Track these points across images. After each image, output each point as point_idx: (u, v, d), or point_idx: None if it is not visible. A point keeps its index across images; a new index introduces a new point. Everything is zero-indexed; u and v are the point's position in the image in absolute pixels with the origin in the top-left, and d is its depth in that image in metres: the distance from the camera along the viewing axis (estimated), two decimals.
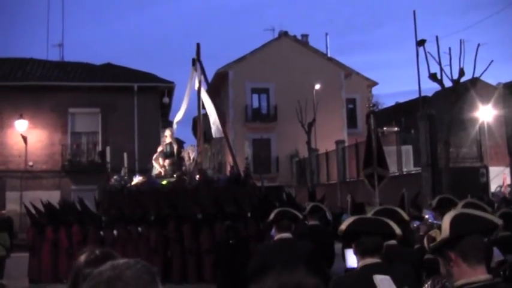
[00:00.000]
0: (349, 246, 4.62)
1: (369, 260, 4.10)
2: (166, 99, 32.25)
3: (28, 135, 30.08)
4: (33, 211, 17.60)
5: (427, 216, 8.08)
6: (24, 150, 30.10)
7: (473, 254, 2.96)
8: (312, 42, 47.85)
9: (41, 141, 30.55)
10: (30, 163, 30.15)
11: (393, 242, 4.73)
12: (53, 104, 30.36)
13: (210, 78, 22.57)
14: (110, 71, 33.66)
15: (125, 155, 19.47)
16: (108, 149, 19.76)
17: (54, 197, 22.78)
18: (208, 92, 21.02)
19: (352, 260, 5.03)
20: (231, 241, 10.21)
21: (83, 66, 33.82)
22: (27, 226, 22.64)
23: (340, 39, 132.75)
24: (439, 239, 3.08)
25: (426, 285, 3.44)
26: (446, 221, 3.05)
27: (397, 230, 4.28)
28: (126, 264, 2.00)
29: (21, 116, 29.68)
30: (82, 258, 2.55)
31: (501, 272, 5.67)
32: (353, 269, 4.81)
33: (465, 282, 2.94)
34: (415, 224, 9.14)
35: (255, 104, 43.52)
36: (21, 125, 29.87)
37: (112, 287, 1.92)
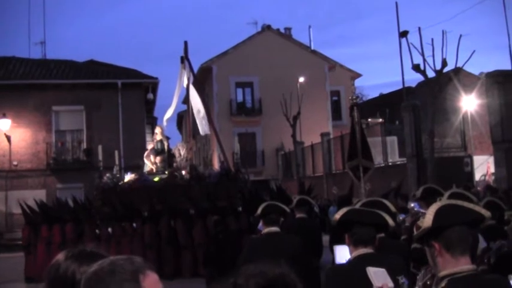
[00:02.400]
0: (338, 242, 4.67)
1: (362, 251, 4.15)
2: (150, 96, 32.19)
3: (12, 135, 29.88)
4: (27, 210, 17.65)
5: (412, 205, 8.16)
6: (8, 149, 29.90)
7: (457, 244, 3.00)
8: (295, 35, 47.95)
9: (25, 140, 30.37)
10: (15, 162, 29.96)
11: (381, 234, 4.79)
12: (37, 102, 30.19)
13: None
14: (93, 68, 33.53)
15: (116, 152, 19.74)
16: (100, 147, 19.79)
17: (39, 196, 22.66)
18: (193, 86, 21.13)
19: (341, 256, 5.07)
20: (219, 236, 10.24)
21: (65, 63, 33.59)
22: (13, 226, 22.60)
23: (323, 32, 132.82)
24: (421, 228, 3.13)
25: (420, 274, 3.48)
26: (431, 211, 3.09)
27: (390, 221, 4.34)
28: (109, 261, 2.04)
29: (4, 115, 29.47)
30: (64, 252, 2.60)
31: (485, 260, 5.74)
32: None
33: (448, 273, 2.98)
34: (401, 216, 9.21)
35: (240, 98, 43.48)
36: (4, 124, 29.64)
37: (89, 281, 2.01)
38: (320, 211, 22.80)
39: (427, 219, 3.05)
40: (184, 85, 20.64)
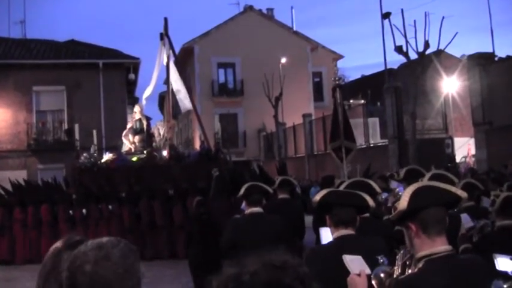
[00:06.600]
0: (323, 224, 4.68)
1: (343, 232, 4.16)
2: (132, 76, 31.92)
3: None
4: (1, 191, 17.42)
5: (397, 189, 8.18)
6: None
7: (433, 225, 3.04)
8: (277, 16, 47.78)
9: (5, 121, 30.06)
10: None
11: (365, 214, 4.81)
12: (17, 83, 29.84)
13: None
14: (74, 48, 33.17)
15: (94, 132, 19.42)
16: (76, 126, 19.60)
17: (20, 176, 22.46)
18: (174, 64, 20.89)
19: (326, 237, 5.09)
20: (203, 217, 10.23)
21: (46, 43, 33.21)
22: None
23: (306, 13, 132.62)
24: (397, 210, 3.16)
25: (399, 254, 3.52)
26: (407, 193, 3.13)
27: (370, 202, 4.35)
28: (111, 243, 2.02)
29: None
30: (62, 241, 2.57)
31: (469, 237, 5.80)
32: None
33: (425, 253, 3.03)
34: (384, 195, 9.26)
35: (221, 79, 43.39)
36: None
37: (100, 266, 1.95)
38: (302, 192, 22.92)
39: (403, 202, 3.09)
40: (164, 63, 20.36)
